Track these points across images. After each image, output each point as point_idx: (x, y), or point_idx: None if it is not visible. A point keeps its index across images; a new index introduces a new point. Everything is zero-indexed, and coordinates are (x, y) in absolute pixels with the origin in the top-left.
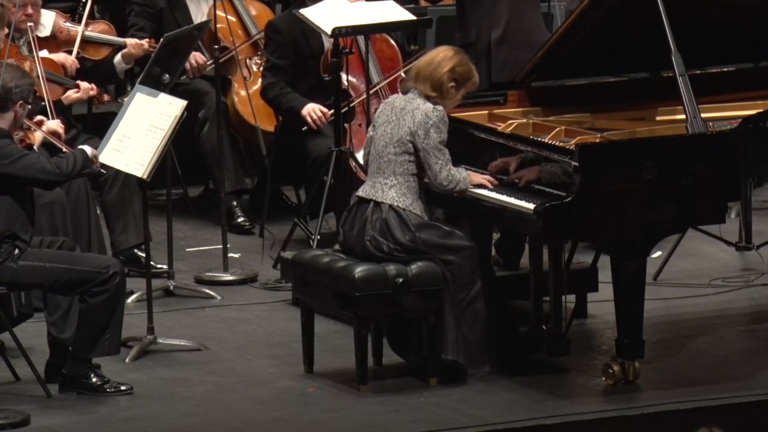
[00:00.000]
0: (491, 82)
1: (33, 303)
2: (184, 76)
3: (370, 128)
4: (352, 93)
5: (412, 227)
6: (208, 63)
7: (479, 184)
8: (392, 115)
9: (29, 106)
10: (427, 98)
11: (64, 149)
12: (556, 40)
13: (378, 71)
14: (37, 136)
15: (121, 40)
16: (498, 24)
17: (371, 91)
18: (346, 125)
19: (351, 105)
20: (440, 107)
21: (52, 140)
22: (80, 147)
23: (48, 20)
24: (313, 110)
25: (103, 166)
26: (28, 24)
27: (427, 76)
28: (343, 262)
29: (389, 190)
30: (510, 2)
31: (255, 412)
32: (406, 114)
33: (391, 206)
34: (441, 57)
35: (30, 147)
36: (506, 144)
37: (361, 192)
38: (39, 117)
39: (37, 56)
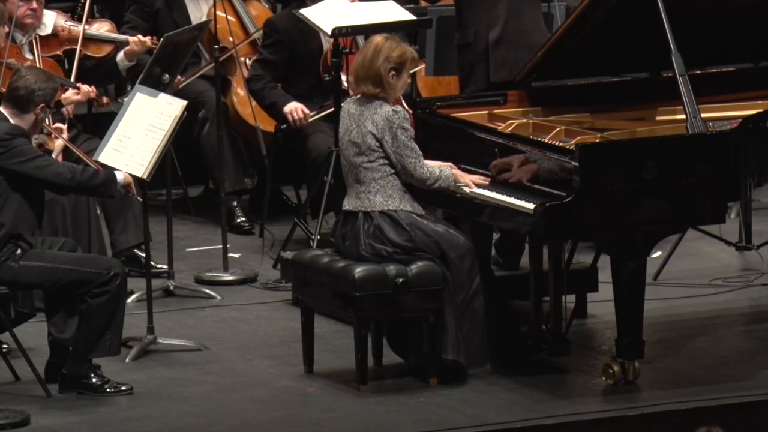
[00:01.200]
0: (489, 81)
1: (35, 303)
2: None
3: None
4: (351, 92)
5: (406, 227)
6: (183, 81)
7: (465, 184)
8: (350, 122)
9: (50, 111)
10: (375, 96)
11: (84, 158)
12: (556, 40)
13: None
14: (57, 144)
15: (123, 37)
16: (496, 24)
17: None
18: None
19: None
20: (398, 108)
21: (72, 148)
22: (115, 171)
23: (49, 19)
24: (295, 110)
25: (140, 194)
26: (33, 17)
27: (365, 76)
28: (343, 262)
29: (375, 196)
30: (508, 2)
31: (255, 412)
32: (365, 120)
33: (381, 212)
34: (372, 52)
35: (48, 153)
36: (506, 144)
37: (347, 205)
38: (58, 124)
39: (38, 56)
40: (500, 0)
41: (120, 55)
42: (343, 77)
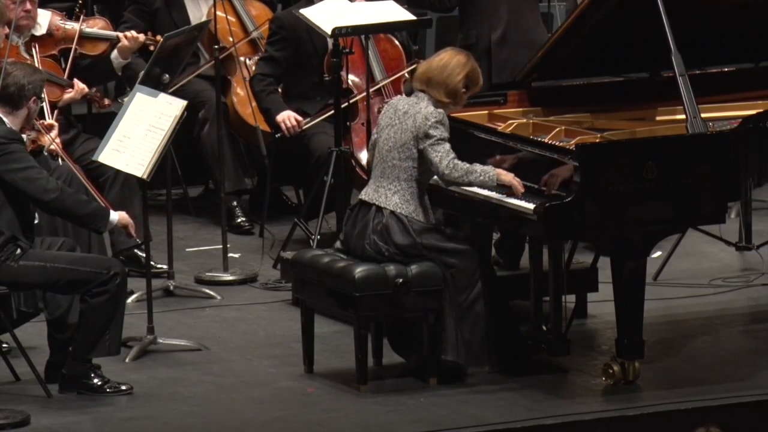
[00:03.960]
0: (492, 83)
1: (38, 303)
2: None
3: (374, 130)
4: (354, 91)
5: (412, 232)
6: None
7: (508, 183)
8: (395, 118)
9: (42, 103)
10: (439, 102)
11: (82, 178)
12: (556, 40)
13: (382, 71)
14: (47, 140)
15: (116, 34)
16: (498, 25)
17: (374, 89)
18: (348, 123)
19: (351, 102)
20: (440, 110)
21: (59, 152)
22: (113, 211)
23: (44, 19)
24: (288, 118)
25: (140, 236)
26: (28, 18)
27: (441, 82)
28: (343, 262)
29: (393, 195)
30: (509, 3)
31: (255, 412)
32: (409, 118)
33: (393, 212)
34: (455, 63)
35: (41, 149)
36: (506, 144)
37: (364, 195)
38: (49, 121)
39: (37, 56)
40: (502, 1)
41: (114, 53)
42: (346, 76)
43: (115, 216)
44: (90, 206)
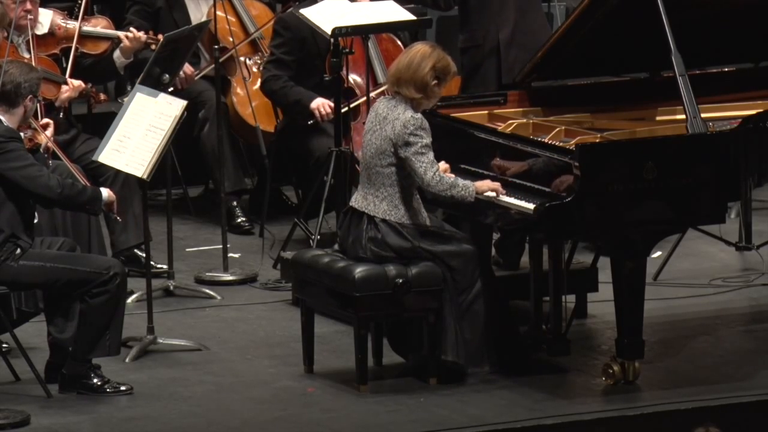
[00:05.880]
0: (501, 84)
1: (38, 303)
2: (171, 89)
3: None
4: (357, 92)
5: (409, 237)
6: (196, 74)
7: (489, 189)
8: (376, 122)
9: (38, 101)
10: (412, 101)
11: (69, 166)
12: (556, 40)
13: (384, 71)
14: (43, 139)
15: (116, 33)
16: (505, 25)
17: (378, 91)
18: (351, 123)
19: (353, 105)
20: (418, 115)
21: (56, 149)
22: (101, 189)
23: (45, 18)
24: (322, 105)
25: (119, 213)
26: (28, 18)
27: (409, 79)
28: (343, 262)
29: (381, 203)
30: (516, 4)
31: (255, 412)
32: (387, 124)
33: (384, 220)
34: (420, 56)
35: (37, 147)
36: (506, 144)
37: (354, 202)
38: (45, 120)
39: (35, 55)
40: (509, 1)
41: (116, 53)
42: (349, 76)
43: (105, 193)
44: (87, 193)
